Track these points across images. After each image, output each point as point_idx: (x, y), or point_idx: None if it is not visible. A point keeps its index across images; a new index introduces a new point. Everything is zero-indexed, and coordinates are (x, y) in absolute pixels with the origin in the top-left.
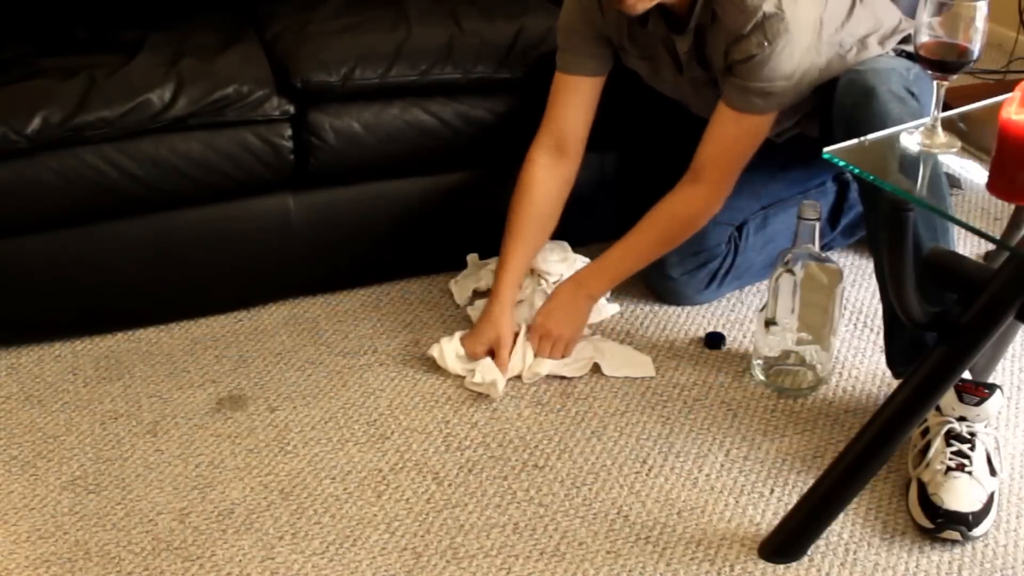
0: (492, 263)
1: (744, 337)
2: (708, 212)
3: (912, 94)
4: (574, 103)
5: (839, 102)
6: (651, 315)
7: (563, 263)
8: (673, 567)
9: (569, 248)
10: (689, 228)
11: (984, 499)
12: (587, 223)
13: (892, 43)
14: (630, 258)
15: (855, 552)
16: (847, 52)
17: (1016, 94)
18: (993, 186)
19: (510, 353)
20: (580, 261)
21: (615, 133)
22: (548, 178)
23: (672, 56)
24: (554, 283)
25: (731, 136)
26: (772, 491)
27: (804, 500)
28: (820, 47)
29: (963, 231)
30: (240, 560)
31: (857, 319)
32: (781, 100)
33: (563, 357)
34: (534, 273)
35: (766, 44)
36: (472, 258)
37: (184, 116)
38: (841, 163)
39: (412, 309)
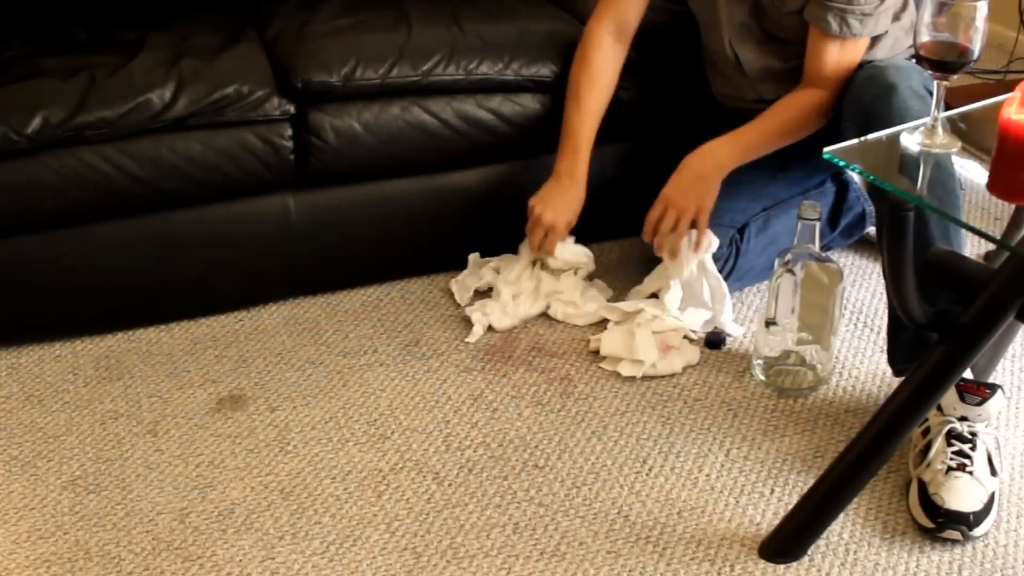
0: (493, 261)
1: (744, 337)
2: (821, 117)
3: (931, 93)
4: (635, 7)
5: (857, 95)
6: None
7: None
8: (673, 567)
9: (571, 239)
10: (811, 121)
11: (985, 499)
12: (589, 220)
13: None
14: (760, 138)
15: (855, 552)
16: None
17: (1016, 94)
18: (993, 186)
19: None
20: (582, 252)
21: (618, 129)
22: (608, 55)
23: None
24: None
25: (835, 59)
26: (772, 491)
27: (804, 500)
28: None
29: None
30: (240, 560)
31: (857, 319)
32: (876, 25)
33: (691, 231)
34: (535, 265)
35: None
36: (473, 257)
37: (184, 116)
38: (841, 163)
39: (412, 309)
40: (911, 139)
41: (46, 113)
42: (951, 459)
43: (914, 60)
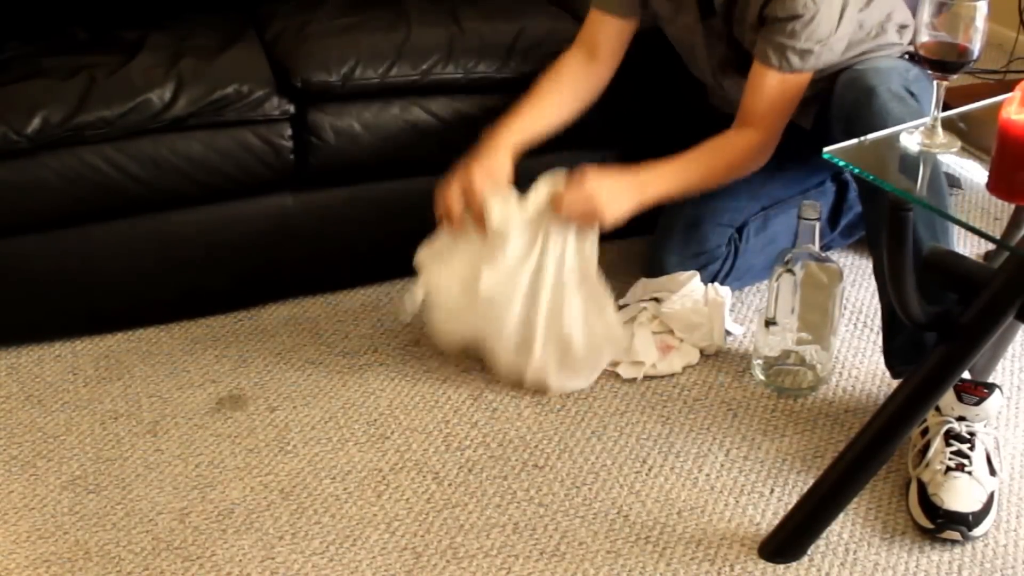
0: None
1: (744, 337)
2: (756, 159)
3: (912, 94)
4: (605, 36)
5: (839, 100)
6: None
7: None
8: (673, 567)
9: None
10: (734, 170)
11: (984, 499)
12: None
13: (908, 35)
14: (678, 181)
15: (855, 552)
16: (866, 34)
17: (1016, 94)
18: (993, 186)
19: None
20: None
21: (615, 132)
22: (577, 69)
23: (701, 1)
24: None
25: (775, 94)
26: (772, 491)
27: (804, 500)
28: (853, 15)
29: (963, 231)
30: (240, 560)
31: (857, 319)
32: (817, 61)
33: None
34: None
35: (811, 4)
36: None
37: (184, 116)
38: (840, 163)
39: None
40: (911, 139)
41: (46, 113)
42: (949, 459)
43: (907, 56)
